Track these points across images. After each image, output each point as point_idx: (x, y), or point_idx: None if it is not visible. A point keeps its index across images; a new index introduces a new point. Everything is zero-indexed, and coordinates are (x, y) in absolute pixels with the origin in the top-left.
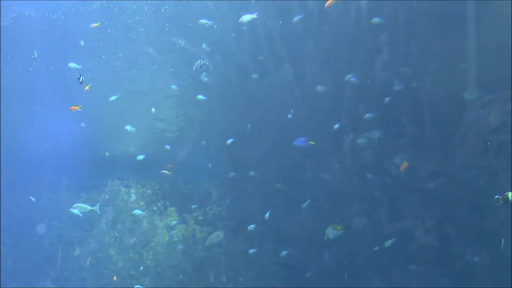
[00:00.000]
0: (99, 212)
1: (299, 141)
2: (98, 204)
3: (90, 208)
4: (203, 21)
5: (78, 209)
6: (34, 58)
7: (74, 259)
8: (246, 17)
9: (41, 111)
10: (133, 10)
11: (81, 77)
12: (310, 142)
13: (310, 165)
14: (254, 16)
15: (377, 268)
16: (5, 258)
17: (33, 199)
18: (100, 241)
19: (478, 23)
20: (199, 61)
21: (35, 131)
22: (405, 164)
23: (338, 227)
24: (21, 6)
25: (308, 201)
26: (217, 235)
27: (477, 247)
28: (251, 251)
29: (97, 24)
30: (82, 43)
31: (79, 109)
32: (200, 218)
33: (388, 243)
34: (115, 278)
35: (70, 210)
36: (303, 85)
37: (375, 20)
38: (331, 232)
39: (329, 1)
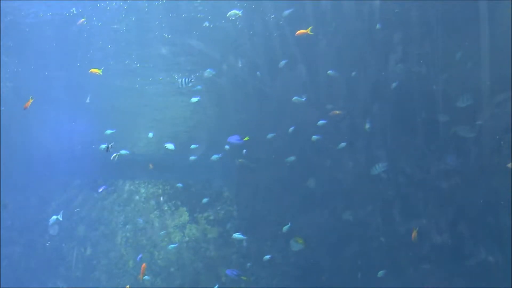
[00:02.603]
0: (61, 219)
1: (233, 139)
2: (62, 212)
3: (56, 217)
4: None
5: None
6: None
7: (86, 258)
8: (233, 13)
9: (54, 111)
10: (148, 11)
11: (110, 145)
12: (244, 139)
13: (323, 164)
14: (239, 13)
15: (391, 267)
16: (18, 257)
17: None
18: (112, 241)
19: (492, 20)
20: (184, 78)
21: (48, 132)
22: (415, 233)
23: (300, 241)
24: (35, 7)
25: (289, 224)
26: (310, 181)
27: (491, 246)
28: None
29: (83, 20)
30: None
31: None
32: (211, 218)
33: (381, 273)
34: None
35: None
36: (316, 84)
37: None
38: (293, 245)
39: (300, 31)
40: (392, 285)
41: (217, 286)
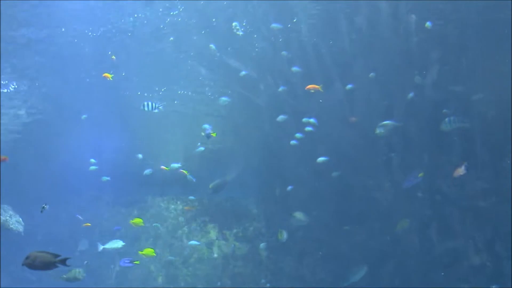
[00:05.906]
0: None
1: None
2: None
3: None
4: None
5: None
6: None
7: (115, 273)
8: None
9: (83, 126)
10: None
11: (45, 206)
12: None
13: (360, 183)
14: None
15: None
16: (47, 273)
17: (80, 217)
18: (140, 256)
19: None
20: (151, 102)
21: (77, 147)
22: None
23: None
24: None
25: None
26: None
27: None
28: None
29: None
30: (113, 57)
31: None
32: (240, 234)
33: None
34: None
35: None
36: (353, 103)
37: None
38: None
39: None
40: None
41: None
